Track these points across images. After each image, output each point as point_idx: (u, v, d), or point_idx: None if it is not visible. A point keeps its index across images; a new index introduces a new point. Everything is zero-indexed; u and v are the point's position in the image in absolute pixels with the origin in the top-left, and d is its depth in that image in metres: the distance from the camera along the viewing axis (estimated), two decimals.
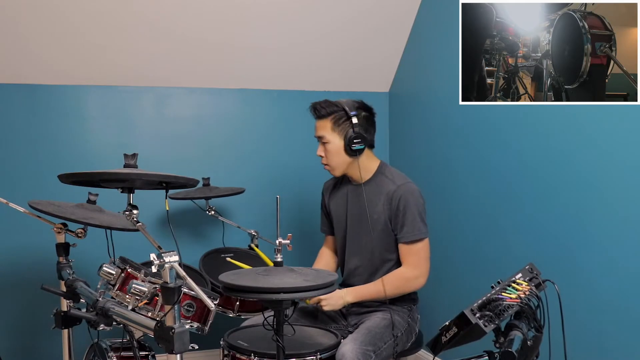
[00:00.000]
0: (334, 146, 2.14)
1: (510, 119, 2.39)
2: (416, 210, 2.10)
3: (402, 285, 2.12)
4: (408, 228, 2.09)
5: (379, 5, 2.98)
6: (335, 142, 2.14)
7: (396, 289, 2.11)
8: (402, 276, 2.12)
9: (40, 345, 2.90)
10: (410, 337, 2.17)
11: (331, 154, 2.16)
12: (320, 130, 2.16)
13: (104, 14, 2.71)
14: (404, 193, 2.10)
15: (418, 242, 2.10)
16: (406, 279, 2.11)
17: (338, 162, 2.17)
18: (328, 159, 2.18)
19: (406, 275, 2.11)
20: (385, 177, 2.18)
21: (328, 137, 2.14)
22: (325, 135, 2.15)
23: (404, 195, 2.10)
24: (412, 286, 2.14)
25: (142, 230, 1.52)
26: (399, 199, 2.09)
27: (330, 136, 2.14)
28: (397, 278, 2.12)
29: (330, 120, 2.14)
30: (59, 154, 2.91)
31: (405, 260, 2.12)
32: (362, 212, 2.18)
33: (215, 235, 3.08)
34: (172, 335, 1.26)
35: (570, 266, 2.08)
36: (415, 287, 2.14)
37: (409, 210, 2.09)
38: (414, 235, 2.10)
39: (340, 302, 2.07)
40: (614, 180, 1.92)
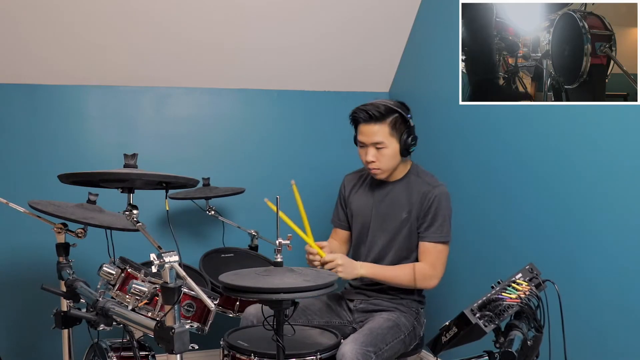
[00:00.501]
0: (392, 150, 2.11)
1: (510, 119, 2.39)
2: (446, 213, 2.13)
3: (417, 279, 2.12)
4: (436, 228, 2.12)
5: (379, 5, 2.98)
6: (393, 146, 2.11)
7: (410, 280, 2.11)
8: (419, 270, 2.12)
9: (40, 345, 2.90)
10: (414, 340, 2.17)
11: (387, 158, 2.12)
12: (378, 135, 2.09)
13: (104, 14, 2.71)
14: (439, 194, 2.13)
15: (441, 244, 2.13)
16: (422, 275, 2.12)
17: (392, 165, 2.15)
18: (382, 163, 2.13)
19: (423, 271, 2.12)
20: (417, 177, 2.19)
21: (386, 142, 2.10)
22: (384, 140, 2.09)
23: (438, 197, 2.12)
24: (425, 284, 2.14)
25: (142, 230, 1.52)
26: (433, 200, 2.12)
27: (388, 141, 2.10)
28: (415, 270, 2.12)
29: (389, 124, 2.10)
30: (59, 154, 2.91)
31: (425, 258, 2.13)
32: (390, 208, 2.18)
33: (215, 235, 3.08)
34: (172, 335, 1.26)
35: (570, 266, 2.08)
36: (427, 285, 2.15)
37: (441, 211, 2.12)
38: (440, 237, 2.12)
39: (354, 272, 2.07)
40: (614, 180, 1.92)
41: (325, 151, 3.26)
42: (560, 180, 2.14)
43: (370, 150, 2.12)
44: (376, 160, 2.13)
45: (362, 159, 2.18)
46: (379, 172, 2.16)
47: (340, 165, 2.52)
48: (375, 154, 2.12)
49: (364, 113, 2.10)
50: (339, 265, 2.01)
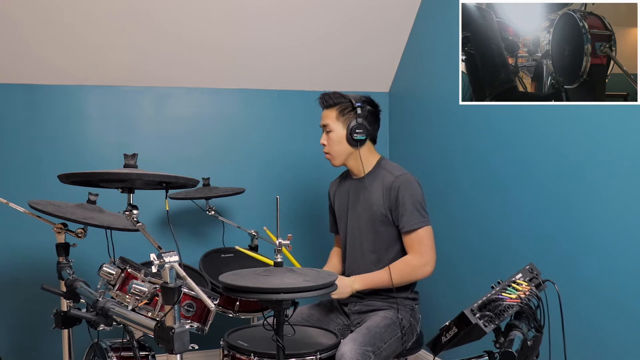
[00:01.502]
0: (337, 135, 2.20)
1: (510, 119, 2.39)
2: (414, 199, 2.12)
3: (409, 272, 2.12)
4: (407, 217, 2.11)
5: (379, 5, 2.98)
6: (338, 130, 2.20)
7: (403, 276, 2.12)
8: (408, 264, 2.12)
9: (40, 345, 2.90)
10: (411, 337, 2.17)
11: (333, 142, 2.21)
12: (326, 119, 2.23)
13: (104, 14, 2.71)
14: (402, 183, 2.13)
15: (419, 230, 2.12)
16: (413, 267, 2.12)
17: (338, 151, 2.22)
18: (330, 147, 2.23)
19: (412, 263, 2.12)
20: (383, 170, 2.21)
21: (332, 126, 2.20)
22: (329, 123, 2.21)
23: (402, 186, 2.12)
24: (420, 274, 2.14)
25: (142, 230, 1.52)
26: (398, 190, 2.12)
27: (334, 125, 2.20)
28: (404, 265, 2.12)
29: (336, 110, 2.21)
30: (59, 154, 2.91)
31: (410, 249, 2.14)
32: (363, 204, 2.21)
33: (215, 235, 3.08)
34: (172, 335, 1.26)
35: (570, 266, 2.08)
36: (422, 274, 2.14)
37: (407, 199, 2.11)
38: (414, 224, 2.11)
39: (348, 290, 2.09)
40: (614, 180, 1.92)
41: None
42: (560, 180, 2.14)
43: (324, 135, 2.26)
44: (326, 144, 2.24)
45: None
46: (329, 157, 2.26)
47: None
48: (325, 137, 2.25)
49: (320, 99, 2.26)
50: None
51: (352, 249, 2.27)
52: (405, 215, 2.11)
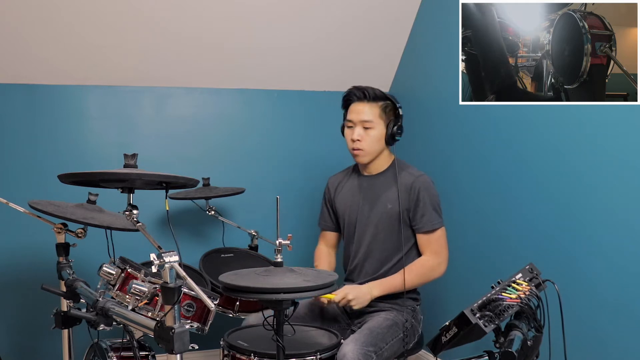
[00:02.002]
0: (378, 133, 2.16)
1: (510, 119, 2.39)
2: (433, 200, 2.16)
3: (426, 273, 2.15)
4: (427, 218, 2.14)
5: (379, 5, 2.98)
6: (380, 128, 2.16)
7: (420, 277, 2.14)
8: (425, 264, 2.15)
9: (40, 345, 2.90)
10: (413, 337, 2.18)
11: (372, 139, 2.16)
12: (369, 114, 2.14)
13: (104, 14, 2.71)
14: (422, 184, 2.15)
15: (437, 231, 2.16)
16: (430, 267, 2.15)
17: (375, 150, 2.18)
18: (366, 144, 2.16)
19: (429, 264, 2.15)
20: (400, 169, 2.21)
21: (374, 123, 2.15)
22: (373, 119, 2.14)
23: (422, 187, 2.15)
24: (435, 274, 2.17)
25: (142, 230, 1.52)
26: (418, 191, 2.14)
27: (377, 121, 2.15)
28: (421, 266, 2.15)
29: (380, 107, 2.16)
30: (59, 154, 2.91)
31: (427, 249, 2.16)
32: (379, 202, 2.20)
33: (215, 235, 3.08)
34: (172, 335, 1.26)
35: (570, 266, 2.08)
36: (438, 274, 2.17)
37: (429, 199, 2.15)
38: (433, 225, 2.15)
39: (367, 297, 2.09)
40: (614, 180, 1.92)
41: (325, 151, 3.26)
42: (561, 180, 2.14)
43: (357, 129, 2.16)
44: (362, 140, 2.15)
45: (348, 139, 2.21)
46: (362, 153, 2.18)
47: (340, 165, 2.52)
48: (361, 133, 2.15)
49: (359, 92, 2.15)
50: (352, 300, 2.06)
51: (361, 247, 2.25)
52: (425, 215, 2.14)
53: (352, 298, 2.05)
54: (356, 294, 2.06)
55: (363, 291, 2.09)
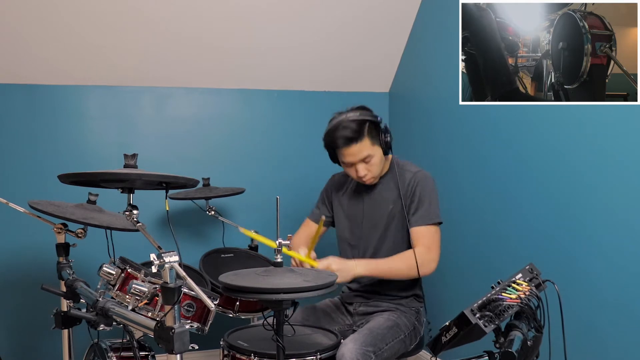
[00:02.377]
0: (378, 157, 2.11)
1: (510, 119, 2.39)
2: (433, 195, 2.13)
3: (414, 265, 2.02)
4: (424, 211, 2.10)
5: (379, 5, 2.98)
6: (378, 153, 2.10)
7: (409, 267, 2.03)
8: (416, 255, 2.03)
9: (40, 345, 2.90)
10: (414, 339, 2.17)
11: (376, 165, 2.11)
12: (363, 151, 2.07)
13: (104, 14, 2.71)
14: (421, 179, 2.13)
15: (433, 226, 2.11)
16: (420, 259, 2.03)
17: (380, 168, 2.15)
18: (373, 172, 2.12)
19: (420, 256, 2.04)
20: (400, 168, 2.19)
21: (372, 153, 2.09)
22: (370, 153, 2.08)
23: (421, 181, 2.13)
24: (425, 269, 2.05)
25: (142, 231, 1.52)
26: (416, 184, 2.12)
27: (373, 151, 2.09)
28: (411, 257, 2.04)
29: (367, 137, 2.08)
30: (59, 154, 2.92)
31: (419, 241, 2.08)
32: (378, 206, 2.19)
33: (215, 235, 3.08)
34: (172, 335, 1.26)
35: (570, 266, 2.08)
36: (427, 270, 2.07)
37: (426, 194, 2.11)
38: (430, 219, 2.09)
39: (351, 273, 1.98)
40: (614, 180, 1.92)
41: (326, 151, 3.26)
42: (561, 180, 2.14)
43: (360, 166, 2.10)
44: (367, 173, 2.11)
45: (352, 175, 2.15)
46: (372, 180, 2.15)
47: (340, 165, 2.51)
48: (365, 168, 2.10)
49: (342, 139, 2.06)
50: (335, 271, 1.92)
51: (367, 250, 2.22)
52: (421, 209, 2.10)
53: (336, 269, 1.93)
54: (340, 267, 1.95)
55: (348, 265, 1.99)
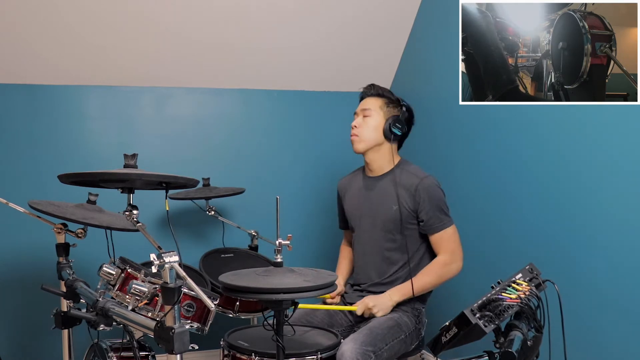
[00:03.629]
0: (374, 121, 2.21)
1: (510, 119, 2.39)
2: (442, 200, 2.18)
3: (444, 272, 2.17)
4: (436, 219, 2.15)
5: (379, 5, 2.98)
6: (378, 119, 2.21)
7: (439, 277, 2.16)
8: (441, 263, 2.16)
9: (40, 345, 2.90)
10: (415, 340, 2.17)
11: (368, 127, 2.21)
12: (369, 104, 2.23)
13: (104, 14, 2.71)
14: (428, 186, 2.16)
15: (447, 230, 2.17)
16: (446, 266, 2.16)
17: (369, 137, 2.21)
18: (361, 130, 2.21)
19: (445, 262, 2.16)
20: (405, 171, 2.22)
21: (373, 112, 2.21)
22: (371, 108, 2.22)
23: (428, 188, 2.16)
24: (452, 271, 2.18)
25: (142, 231, 1.52)
26: (422, 193, 2.15)
27: (375, 111, 2.21)
28: (438, 266, 2.16)
29: (382, 100, 2.23)
30: (59, 154, 2.92)
31: (441, 248, 2.17)
32: (380, 204, 2.21)
33: (215, 236, 3.08)
34: (172, 336, 1.26)
35: (570, 266, 2.08)
36: (454, 272, 2.19)
37: (436, 200, 2.16)
38: (443, 225, 2.16)
39: (389, 304, 2.12)
40: (614, 180, 1.92)
41: (325, 151, 3.26)
42: (561, 180, 2.14)
43: (358, 118, 2.23)
44: (358, 126, 2.22)
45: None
46: (357, 139, 2.22)
47: (340, 165, 2.52)
48: (359, 121, 2.22)
49: (368, 89, 2.26)
50: (374, 308, 2.09)
51: (365, 248, 2.27)
52: (435, 216, 2.15)
53: (373, 305, 2.09)
54: (377, 303, 2.10)
55: (384, 299, 2.12)
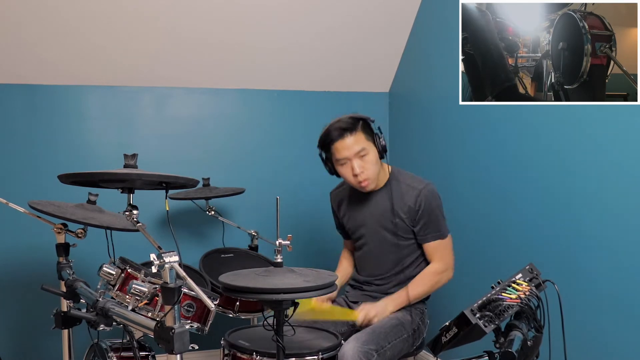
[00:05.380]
0: (373, 156, 2.08)
1: (510, 119, 2.39)
2: (439, 210, 2.17)
3: (437, 281, 2.18)
4: (434, 228, 2.15)
5: (379, 5, 2.98)
6: (373, 150, 2.08)
7: (431, 286, 2.17)
8: (433, 271, 2.17)
9: (40, 345, 2.90)
10: (417, 339, 2.17)
11: (372, 164, 2.08)
12: (358, 144, 2.05)
13: (104, 14, 2.71)
14: (427, 195, 2.14)
15: (444, 239, 2.17)
16: (438, 274, 2.17)
17: (377, 172, 2.12)
18: (369, 171, 2.08)
19: (438, 270, 2.17)
20: (402, 183, 2.18)
21: (367, 148, 2.07)
22: (365, 147, 2.06)
23: (426, 198, 2.13)
24: (444, 280, 2.19)
25: (142, 231, 1.52)
26: (423, 202, 2.13)
27: (368, 146, 2.07)
28: (430, 275, 2.17)
29: (362, 131, 2.07)
30: (59, 154, 2.92)
31: (434, 256, 2.18)
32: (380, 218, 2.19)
33: (215, 236, 3.08)
34: (172, 336, 1.26)
35: (570, 266, 2.08)
36: (445, 280, 2.20)
37: (433, 210, 2.14)
38: (441, 235, 2.16)
39: (386, 312, 2.12)
40: (614, 180, 1.92)
41: None
42: (561, 180, 2.14)
43: (355, 162, 2.07)
44: (364, 170, 2.08)
45: (348, 177, 2.12)
46: (368, 182, 2.11)
47: None
48: (360, 164, 2.07)
49: (337, 130, 2.06)
50: (374, 319, 2.08)
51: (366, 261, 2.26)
52: (431, 226, 2.14)
53: (374, 314, 2.08)
54: (377, 310, 2.09)
55: (381, 307, 2.11)
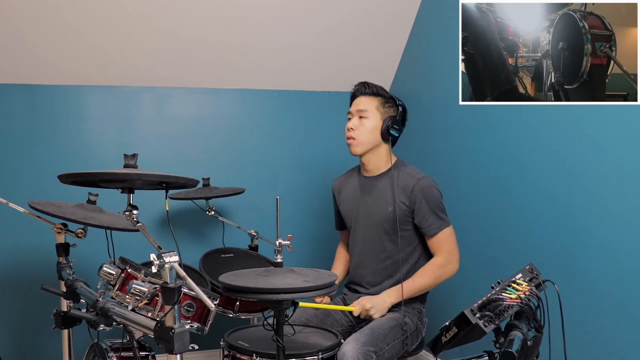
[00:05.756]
0: (372, 123, 2.17)
1: (510, 119, 2.39)
2: (438, 201, 2.17)
3: (440, 274, 2.16)
4: (432, 220, 2.15)
5: (379, 5, 2.98)
6: (375, 120, 2.17)
7: (435, 279, 2.16)
8: (437, 265, 2.16)
9: (40, 345, 2.90)
10: (416, 340, 2.17)
11: (365, 129, 2.17)
12: (365, 104, 2.18)
13: (104, 14, 2.71)
14: (424, 187, 2.15)
15: (444, 231, 2.16)
16: (441, 267, 2.16)
17: (367, 140, 2.18)
18: (359, 133, 2.17)
19: (442, 263, 2.16)
20: (402, 171, 2.21)
21: (369, 113, 2.17)
22: (368, 109, 2.17)
23: (424, 189, 2.15)
24: (448, 273, 2.17)
25: (142, 231, 1.52)
26: (418, 194, 2.14)
27: (372, 112, 2.17)
28: (433, 268, 2.16)
29: (378, 100, 2.19)
30: (59, 154, 2.92)
31: (438, 249, 2.17)
32: (376, 205, 2.20)
33: (215, 236, 3.08)
34: (172, 336, 1.26)
35: (570, 266, 2.08)
36: (450, 273, 2.18)
37: (433, 201, 2.15)
38: (439, 227, 2.15)
39: (385, 305, 2.12)
40: (614, 180, 1.92)
41: (326, 151, 3.26)
42: (560, 180, 2.14)
43: (354, 119, 2.19)
44: (355, 129, 2.17)
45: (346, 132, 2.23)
46: (354, 142, 2.18)
47: (340, 165, 2.52)
48: (356, 123, 2.18)
49: (362, 86, 2.21)
50: (371, 309, 2.08)
51: (361, 247, 2.26)
52: (431, 217, 2.15)
53: (371, 307, 2.08)
54: (373, 303, 2.10)
55: (380, 300, 2.11)
